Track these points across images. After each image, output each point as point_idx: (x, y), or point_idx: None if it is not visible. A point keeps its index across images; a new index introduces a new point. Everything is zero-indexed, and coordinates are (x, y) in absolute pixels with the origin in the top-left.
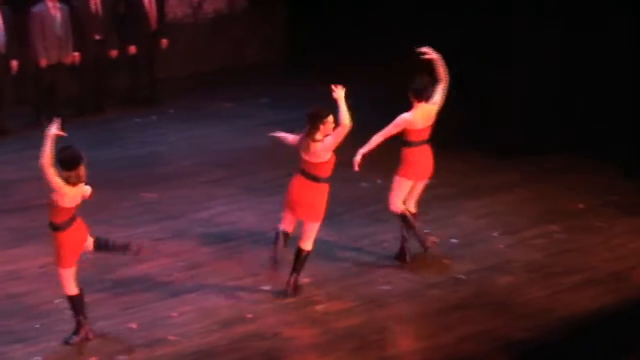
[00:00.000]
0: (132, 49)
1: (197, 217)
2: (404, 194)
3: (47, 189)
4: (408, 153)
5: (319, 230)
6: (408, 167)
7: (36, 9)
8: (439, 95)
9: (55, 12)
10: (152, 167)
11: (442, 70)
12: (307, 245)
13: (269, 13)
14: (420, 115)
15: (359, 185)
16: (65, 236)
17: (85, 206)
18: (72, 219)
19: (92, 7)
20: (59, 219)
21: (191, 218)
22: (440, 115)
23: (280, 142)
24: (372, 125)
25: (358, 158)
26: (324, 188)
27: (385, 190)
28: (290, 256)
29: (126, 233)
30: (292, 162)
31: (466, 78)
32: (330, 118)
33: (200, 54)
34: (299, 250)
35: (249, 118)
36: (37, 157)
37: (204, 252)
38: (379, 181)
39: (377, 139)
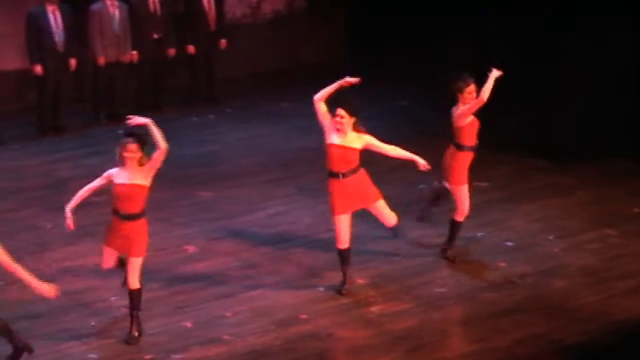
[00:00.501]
0: (191, 49)
1: (254, 217)
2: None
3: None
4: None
5: (377, 232)
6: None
7: (95, 7)
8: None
9: (114, 10)
10: (209, 166)
11: (486, 90)
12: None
13: (328, 14)
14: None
15: (416, 187)
16: (144, 224)
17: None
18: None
19: (151, 5)
20: (141, 207)
21: (247, 218)
22: (497, 118)
23: None
24: (430, 127)
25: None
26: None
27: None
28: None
29: (183, 232)
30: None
31: (522, 80)
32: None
33: (259, 54)
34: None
35: (306, 118)
36: (94, 155)
37: (260, 252)
38: (436, 183)
39: None
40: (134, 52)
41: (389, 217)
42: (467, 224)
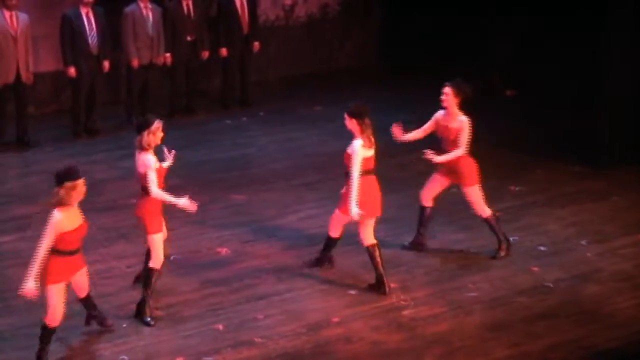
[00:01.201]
0: (224, 52)
1: (286, 220)
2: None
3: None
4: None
5: (409, 236)
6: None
7: (128, 9)
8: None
9: (147, 12)
10: (242, 169)
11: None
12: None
13: (362, 17)
14: None
15: (450, 191)
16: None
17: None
18: None
19: (185, 8)
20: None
21: (280, 221)
22: (532, 123)
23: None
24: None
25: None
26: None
27: None
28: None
29: (216, 234)
30: (382, 167)
31: (558, 84)
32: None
33: (292, 57)
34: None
35: (340, 122)
36: (127, 157)
37: (292, 255)
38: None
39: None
40: (168, 55)
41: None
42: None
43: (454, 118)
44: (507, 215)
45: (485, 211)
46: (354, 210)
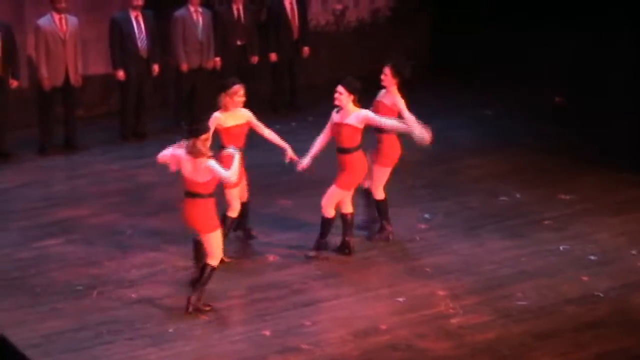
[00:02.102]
0: (274, 56)
1: (334, 226)
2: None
3: None
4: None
5: (458, 243)
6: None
7: (178, 13)
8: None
9: (197, 16)
10: (289, 173)
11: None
12: None
13: (413, 22)
14: None
15: (498, 198)
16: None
17: None
18: None
19: (235, 12)
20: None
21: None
22: (582, 129)
23: None
24: (515, 137)
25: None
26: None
27: (524, 205)
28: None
29: (264, 240)
30: (432, 172)
31: (609, 91)
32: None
33: (342, 62)
34: None
35: None
36: None
37: (340, 261)
38: (518, 195)
39: None
40: (217, 59)
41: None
42: (549, 236)
43: (392, 97)
44: (557, 224)
45: (380, 194)
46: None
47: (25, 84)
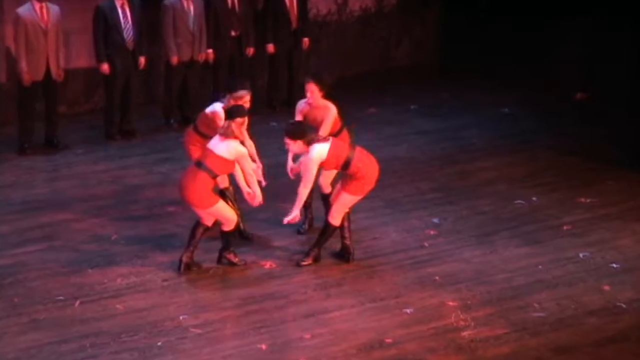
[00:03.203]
0: (271, 48)
1: (335, 232)
2: None
3: None
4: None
5: (469, 250)
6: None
7: (168, 1)
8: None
9: (189, 5)
10: (289, 176)
11: None
12: None
13: (421, 11)
14: None
15: (512, 202)
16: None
17: None
18: None
19: (229, 2)
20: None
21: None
22: (604, 129)
23: None
24: (535, 133)
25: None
26: None
27: (541, 209)
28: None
29: (260, 246)
30: (442, 175)
31: (631, 89)
32: None
33: (345, 55)
34: None
35: (396, 126)
36: (164, 162)
37: (342, 270)
38: (534, 198)
39: None
40: (210, 51)
41: None
42: (568, 243)
43: (321, 108)
44: (577, 229)
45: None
46: None
47: (3, 77)
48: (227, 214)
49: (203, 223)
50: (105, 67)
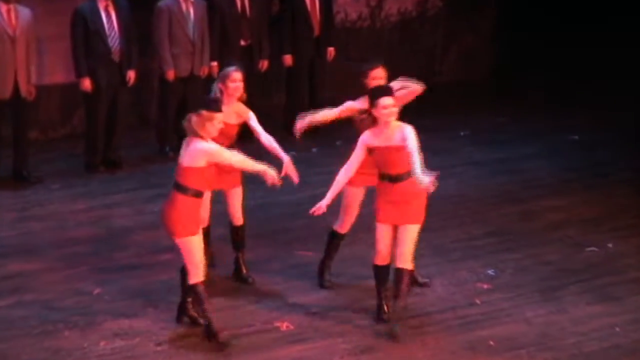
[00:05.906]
0: (288, 60)
1: (370, 285)
2: None
3: None
4: None
5: (531, 309)
6: None
7: (163, 3)
8: None
9: (188, 7)
10: (310, 216)
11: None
12: None
13: (472, 15)
14: None
15: (585, 250)
16: None
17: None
18: None
19: (238, 3)
20: None
21: (361, 286)
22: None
23: None
24: (612, 166)
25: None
26: None
27: (618, 258)
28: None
29: (275, 304)
30: (501, 215)
31: None
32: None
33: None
34: None
35: (444, 155)
36: (157, 199)
37: (377, 331)
38: (610, 245)
39: None
40: (214, 64)
41: None
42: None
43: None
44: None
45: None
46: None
47: None
48: (194, 258)
49: None
50: (86, 83)
